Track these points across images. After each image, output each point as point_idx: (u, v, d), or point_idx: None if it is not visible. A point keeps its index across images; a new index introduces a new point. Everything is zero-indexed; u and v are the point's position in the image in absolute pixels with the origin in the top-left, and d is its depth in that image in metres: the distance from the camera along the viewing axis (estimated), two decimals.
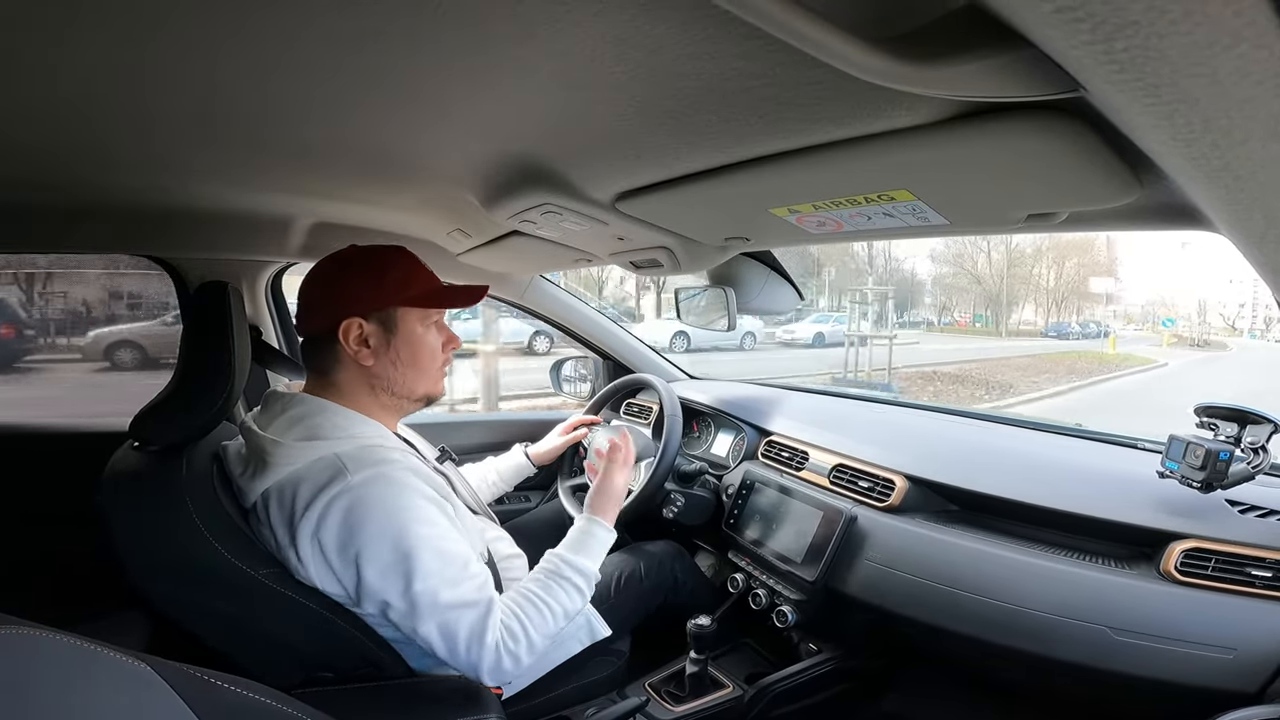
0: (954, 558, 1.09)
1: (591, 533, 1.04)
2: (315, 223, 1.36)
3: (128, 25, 0.50)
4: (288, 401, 0.93)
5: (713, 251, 1.17)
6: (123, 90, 0.64)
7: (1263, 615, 0.85)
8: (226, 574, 0.83)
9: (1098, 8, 0.27)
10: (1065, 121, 0.49)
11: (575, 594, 0.95)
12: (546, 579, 0.95)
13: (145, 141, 0.82)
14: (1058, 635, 0.95)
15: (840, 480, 1.34)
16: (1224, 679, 0.84)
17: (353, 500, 0.82)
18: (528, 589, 0.93)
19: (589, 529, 1.05)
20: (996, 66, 0.38)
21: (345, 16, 0.48)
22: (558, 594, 0.94)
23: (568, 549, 1.00)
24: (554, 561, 0.98)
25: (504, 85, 0.60)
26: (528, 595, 0.92)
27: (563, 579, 0.95)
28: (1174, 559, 0.93)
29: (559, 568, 0.97)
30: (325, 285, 0.95)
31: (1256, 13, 0.25)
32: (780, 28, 0.37)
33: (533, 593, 0.93)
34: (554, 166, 0.85)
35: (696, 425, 1.83)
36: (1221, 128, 0.35)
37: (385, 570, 0.82)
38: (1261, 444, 0.95)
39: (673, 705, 1.24)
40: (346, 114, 0.70)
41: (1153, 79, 0.31)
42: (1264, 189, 0.42)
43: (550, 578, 0.95)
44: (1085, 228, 0.76)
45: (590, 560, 1.00)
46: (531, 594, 0.92)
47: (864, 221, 0.81)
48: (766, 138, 0.66)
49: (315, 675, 0.88)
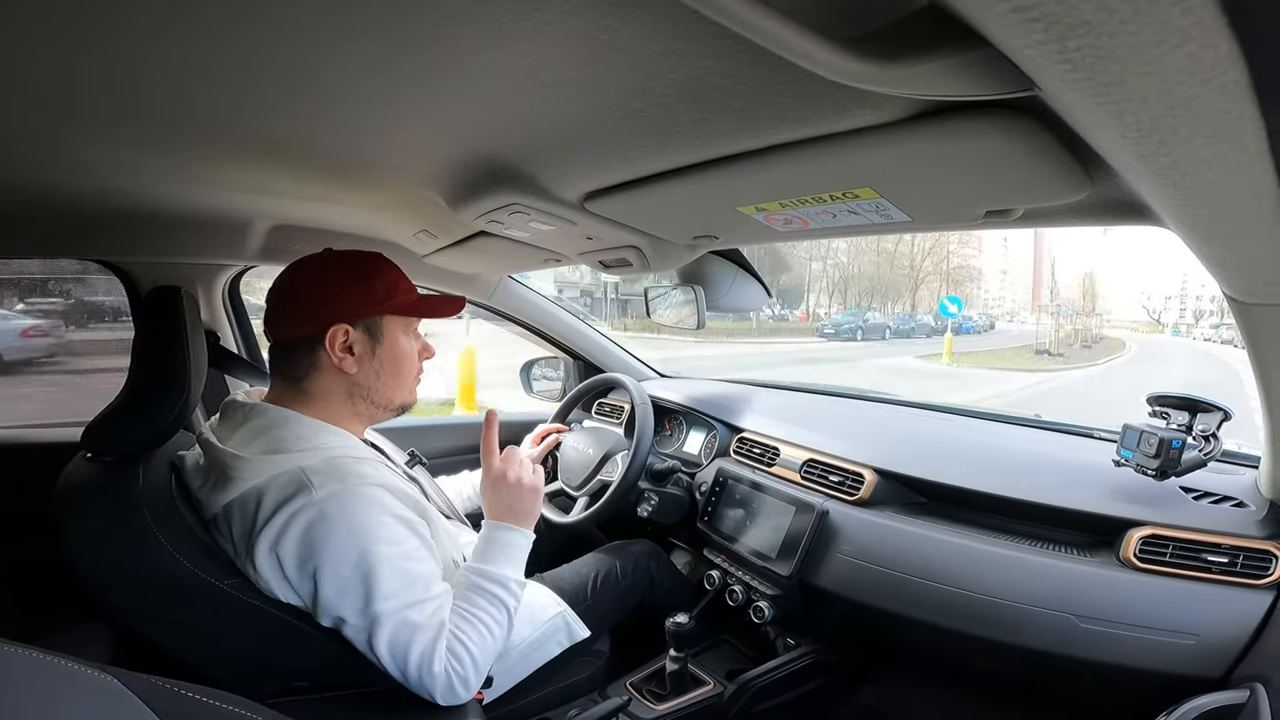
0: (924, 549, 1.12)
1: (494, 539, 0.97)
2: (275, 225, 1.33)
3: (65, 12, 0.48)
4: (249, 412, 0.90)
5: (682, 250, 1.18)
6: (63, 85, 0.61)
7: (1222, 601, 0.88)
8: (190, 586, 0.80)
9: (1051, 7, 0.27)
10: (1020, 120, 0.51)
11: (497, 604, 0.90)
12: (470, 593, 0.90)
13: (88, 140, 0.78)
14: (1026, 624, 0.98)
15: (811, 475, 1.36)
16: (1188, 665, 0.87)
17: (315, 516, 0.80)
18: (459, 607, 0.88)
19: (491, 536, 0.97)
20: (956, 66, 0.39)
21: (300, 11, 0.46)
22: (484, 605, 0.89)
23: (476, 559, 0.94)
24: (467, 575, 0.92)
25: (471, 84, 0.59)
26: (461, 613, 0.87)
27: (482, 591, 0.90)
28: (1133, 546, 0.96)
29: (474, 581, 0.91)
30: (307, 289, 0.92)
31: (1203, 12, 0.26)
32: (747, 27, 0.38)
33: (465, 610, 0.88)
34: (522, 166, 0.84)
35: (668, 423, 1.84)
36: (1168, 126, 0.36)
37: (343, 588, 0.80)
38: (1212, 431, 0.99)
39: (655, 704, 1.25)
40: (306, 113, 0.68)
41: (1103, 78, 0.32)
42: (1209, 185, 0.43)
43: (473, 591, 0.90)
44: (1040, 224, 0.78)
45: (502, 567, 0.93)
46: (465, 611, 0.87)
47: (830, 219, 0.82)
48: (734, 137, 0.66)
49: (290, 684, 0.86)
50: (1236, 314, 0.68)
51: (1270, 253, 0.51)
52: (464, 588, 0.91)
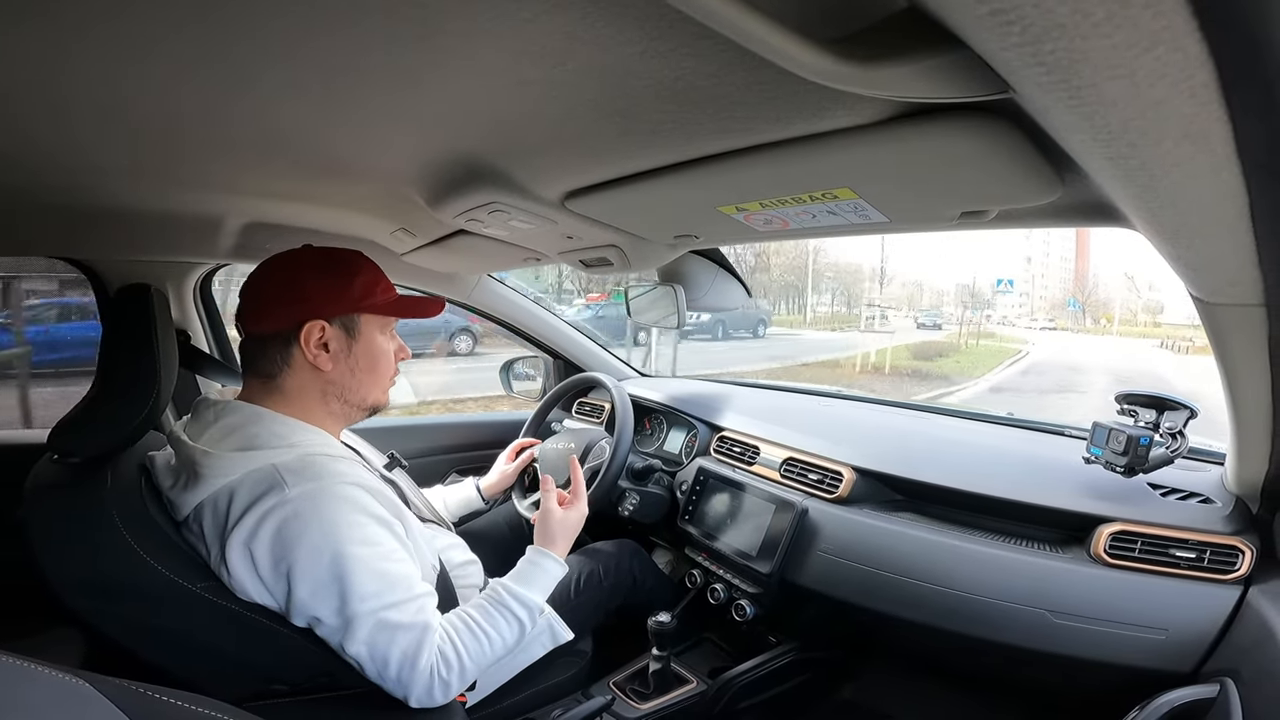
0: (901, 546, 1.13)
1: (539, 564, 1.00)
2: (248, 222, 1.30)
3: (36, 10, 0.46)
4: (221, 409, 0.88)
5: (662, 249, 1.18)
6: (29, 80, 0.59)
7: (1190, 596, 0.90)
8: (163, 589, 0.78)
9: (1028, 10, 0.28)
10: (995, 123, 0.52)
11: (515, 626, 0.91)
12: (490, 607, 0.91)
13: (55, 137, 0.76)
14: (1001, 619, 0.99)
15: (791, 473, 1.37)
16: (1159, 659, 0.89)
17: (288, 514, 0.78)
18: (469, 615, 0.89)
19: (537, 561, 1.00)
20: (934, 68, 0.40)
21: (274, 6, 0.45)
22: (499, 624, 0.90)
23: (514, 580, 0.97)
24: (498, 591, 0.94)
25: (451, 82, 0.58)
26: (467, 622, 0.88)
27: (505, 609, 0.91)
28: (1103, 542, 0.98)
29: (502, 598, 0.93)
30: (284, 284, 0.90)
31: (1175, 15, 0.27)
32: (729, 27, 0.38)
33: (474, 620, 0.89)
34: (502, 165, 0.83)
35: (649, 422, 1.84)
36: (1138, 128, 0.37)
37: (317, 588, 0.78)
38: (1179, 429, 1.01)
39: (638, 703, 1.25)
40: (280, 110, 0.67)
41: (1076, 81, 0.33)
42: (1176, 187, 0.45)
43: (494, 606, 0.92)
44: (1013, 225, 0.79)
45: (535, 593, 0.95)
46: (472, 621, 0.89)
47: (809, 219, 0.83)
48: (715, 137, 0.66)
49: (268, 688, 0.84)
50: (1202, 314, 0.69)
51: (1236, 254, 0.52)
52: (490, 602, 0.92)
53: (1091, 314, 29.75)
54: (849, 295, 26.13)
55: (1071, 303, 31.68)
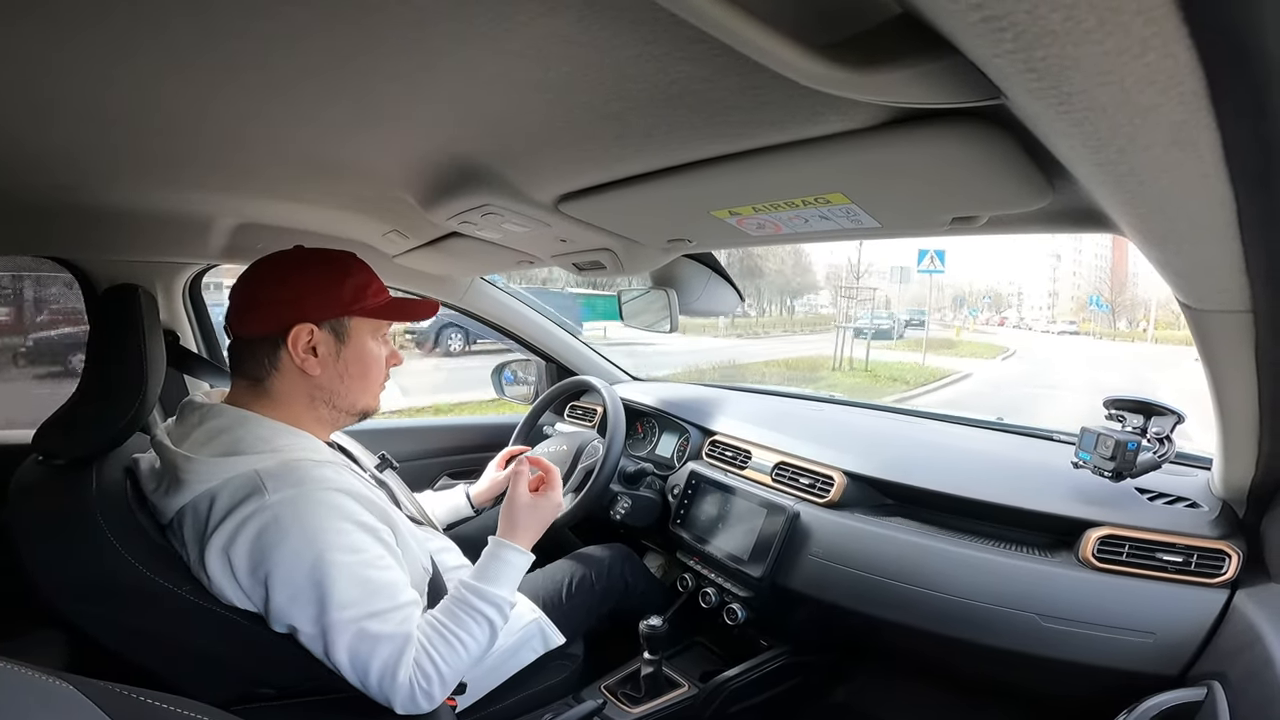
0: (892, 551, 1.13)
1: (500, 557, 0.95)
2: (239, 223, 1.29)
3: (23, 10, 0.46)
4: (205, 413, 0.86)
5: (655, 253, 1.18)
6: (12, 80, 0.58)
7: (1177, 600, 0.91)
8: (149, 593, 0.77)
9: (1020, 17, 0.28)
10: (986, 128, 0.52)
11: (485, 625, 0.88)
12: (457, 610, 0.88)
13: (39, 136, 0.75)
14: (991, 623, 1.00)
15: (782, 478, 1.37)
16: (1146, 663, 0.89)
17: (267, 520, 0.77)
18: (439, 622, 0.86)
19: (497, 553, 0.96)
20: (926, 74, 0.40)
21: (266, 5, 0.45)
22: (469, 626, 0.87)
23: (477, 577, 0.93)
24: (462, 592, 0.90)
25: (445, 84, 0.58)
26: (438, 629, 0.85)
27: (472, 610, 0.88)
28: (1091, 546, 0.99)
29: (467, 599, 0.89)
30: (272, 286, 0.89)
31: (1166, 21, 0.27)
32: (724, 32, 0.38)
33: (444, 625, 0.86)
34: (495, 168, 0.83)
35: (641, 426, 1.84)
36: (1128, 134, 0.37)
37: (296, 595, 0.77)
38: (1166, 434, 1.02)
39: (630, 707, 1.24)
40: (272, 111, 0.67)
41: (1067, 87, 0.34)
42: (1165, 193, 0.45)
43: (460, 608, 0.88)
44: (1003, 230, 0.80)
45: (500, 588, 0.91)
46: (443, 627, 0.86)
47: (801, 224, 0.83)
48: (709, 141, 0.67)
49: (254, 691, 0.83)
50: (1190, 320, 0.70)
51: (1223, 261, 0.53)
52: (455, 603, 0.89)
53: (1127, 315, 28.03)
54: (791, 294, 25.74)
55: (1094, 300, 29.53)
